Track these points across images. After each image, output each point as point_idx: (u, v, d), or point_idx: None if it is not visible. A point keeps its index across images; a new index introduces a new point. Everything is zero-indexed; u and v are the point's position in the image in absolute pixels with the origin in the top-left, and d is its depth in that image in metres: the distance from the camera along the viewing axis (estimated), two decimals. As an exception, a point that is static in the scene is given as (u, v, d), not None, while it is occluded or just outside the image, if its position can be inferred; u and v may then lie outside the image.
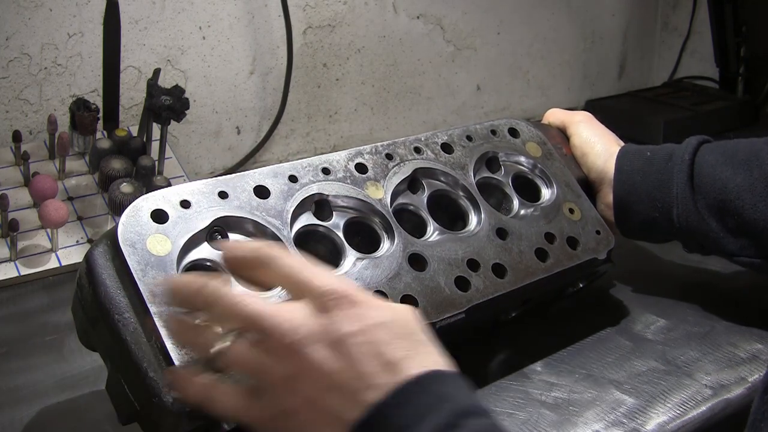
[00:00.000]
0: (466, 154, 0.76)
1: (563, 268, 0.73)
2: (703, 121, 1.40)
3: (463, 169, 0.74)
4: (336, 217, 0.66)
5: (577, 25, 1.55)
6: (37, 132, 1.01)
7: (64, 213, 0.86)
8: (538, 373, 0.71)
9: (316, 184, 0.66)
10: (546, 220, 0.75)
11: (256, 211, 0.62)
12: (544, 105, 1.54)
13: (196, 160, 1.15)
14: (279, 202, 0.64)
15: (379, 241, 0.67)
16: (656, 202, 0.77)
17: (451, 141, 0.76)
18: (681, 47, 1.65)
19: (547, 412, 0.65)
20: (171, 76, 1.09)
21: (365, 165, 0.70)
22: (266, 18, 1.16)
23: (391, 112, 1.33)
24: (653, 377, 0.70)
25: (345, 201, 0.67)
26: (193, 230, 0.59)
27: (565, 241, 0.75)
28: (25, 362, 0.72)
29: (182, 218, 0.59)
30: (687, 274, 0.89)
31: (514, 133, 0.81)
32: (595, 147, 0.82)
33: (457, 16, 1.36)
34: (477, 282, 0.67)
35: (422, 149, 0.74)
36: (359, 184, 0.68)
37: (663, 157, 0.78)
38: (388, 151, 0.72)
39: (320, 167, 0.67)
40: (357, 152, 0.70)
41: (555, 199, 0.77)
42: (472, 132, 0.78)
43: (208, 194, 0.61)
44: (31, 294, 0.84)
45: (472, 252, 0.69)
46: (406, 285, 0.64)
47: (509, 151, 0.79)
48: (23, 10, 0.97)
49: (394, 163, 0.71)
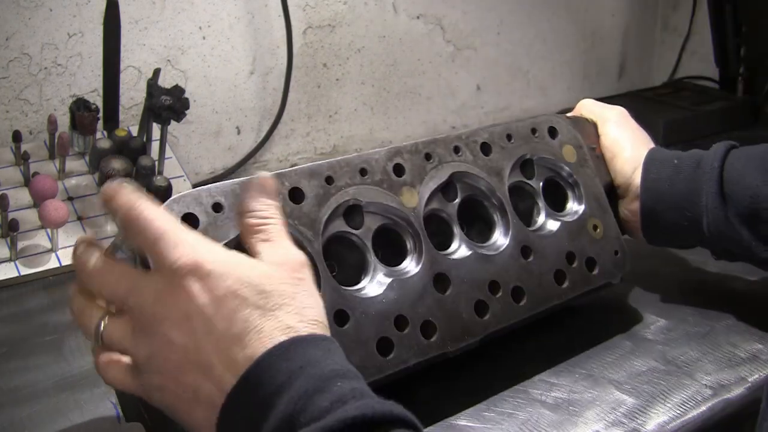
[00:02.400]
0: (504, 156, 0.73)
1: (578, 293, 0.73)
2: (703, 121, 1.40)
3: (499, 174, 0.72)
4: (367, 223, 0.64)
5: (577, 25, 1.55)
6: (37, 132, 1.01)
7: (64, 213, 0.86)
8: (538, 373, 0.71)
9: (352, 188, 0.63)
10: (570, 237, 0.74)
11: (290, 218, 0.59)
12: (544, 105, 1.54)
13: (196, 160, 1.15)
14: (313, 207, 0.61)
15: (405, 252, 0.66)
16: (685, 211, 0.75)
17: (491, 140, 0.73)
18: (681, 47, 1.65)
19: (547, 412, 0.65)
20: (171, 76, 1.09)
21: (403, 166, 0.67)
22: (266, 18, 1.16)
23: (391, 112, 1.33)
24: (653, 377, 0.70)
25: (378, 208, 0.65)
26: (223, 238, 0.56)
27: (584, 262, 0.74)
28: (25, 362, 0.72)
29: (213, 224, 0.56)
30: (687, 274, 0.89)
31: (553, 132, 0.78)
32: (624, 151, 0.80)
33: (457, 16, 1.36)
34: (494, 307, 0.67)
35: (461, 149, 0.71)
36: (395, 188, 0.66)
37: (691, 165, 0.76)
38: (427, 151, 0.69)
39: (358, 167, 0.64)
40: (396, 151, 0.67)
41: (581, 214, 0.75)
42: (512, 131, 0.75)
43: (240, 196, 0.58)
44: (31, 294, 0.84)
45: (495, 272, 0.68)
46: (428, 309, 0.63)
47: (546, 154, 0.76)
48: (23, 10, 0.97)
49: (432, 165, 0.68)
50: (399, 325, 0.62)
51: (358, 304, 0.60)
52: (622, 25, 1.64)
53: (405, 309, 0.62)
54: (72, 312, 0.52)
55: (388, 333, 0.61)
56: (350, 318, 0.59)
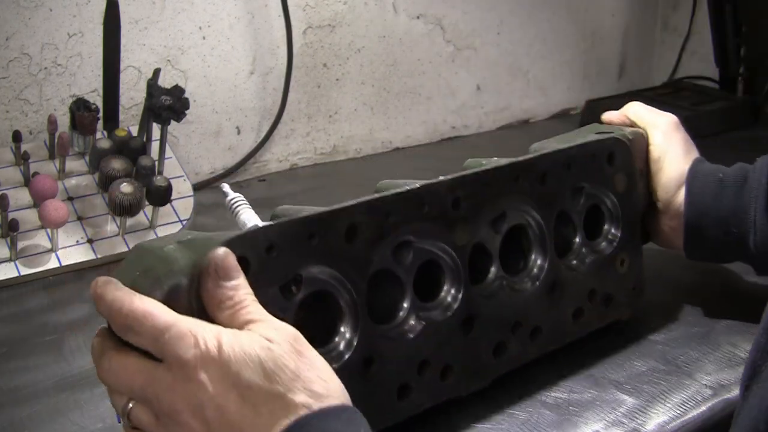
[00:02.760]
0: (559, 186, 0.70)
1: (590, 330, 0.73)
2: (703, 121, 1.40)
3: (550, 206, 0.69)
4: (414, 258, 0.61)
5: (577, 25, 1.55)
6: (37, 132, 1.01)
7: (64, 213, 0.86)
8: (539, 373, 0.71)
9: (408, 225, 0.59)
10: (596, 273, 0.72)
11: (341, 260, 0.56)
12: (544, 105, 1.54)
13: (196, 160, 1.15)
14: (365, 247, 0.57)
15: (442, 287, 0.63)
16: (730, 228, 0.74)
17: (550, 169, 0.69)
18: (681, 47, 1.65)
19: (547, 412, 0.65)
20: (171, 76, 1.09)
21: (461, 201, 0.63)
22: (266, 18, 1.16)
23: (391, 112, 1.33)
24: (653, 377, 0.70)
25: (428, 245, 0.62)
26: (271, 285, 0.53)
27: (602, 299, 0.73)
28: (25, 362, 0.72)
29: (263, 267, 0.52)
30: (686, 274, 0.89)
31: (611, 159, 0.74)
32: (670, 166, 0.77)
33: (457, 16, 1.36)
34: (512, 348, 0.66)
35: (520, 179, 0.67)
36: (451, 224, 0.62)
37: (737, 180, 0.74)
38: (488, 180, 0.65)
39: (417, 201, 0.60)
40: (460, 182, 0.63)
41: (614, 249, 0.74)
42: (573, 159, 0.71)
43: (296, 236, 0.54)
44: (31, 294, 0.84)
45: (520, 312, 0.67)
46: (451, 353, 0.62)
47: (597, 183, 0.73)
48: (23, 10, 0.97)
49: (490, 197, 0.65)
50: (421, 370, 0.61)
51: (386, 349, 0.58)
52: (622, 25, 1.64)
53: (430, 354, 0.61)
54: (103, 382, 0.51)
55: (410, 378, 0.60)
56: (376, 362, 0.58)
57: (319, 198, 1.11)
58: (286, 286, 0.54)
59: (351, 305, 0.57)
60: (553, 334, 0.70)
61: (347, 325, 0.57)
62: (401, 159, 1.32)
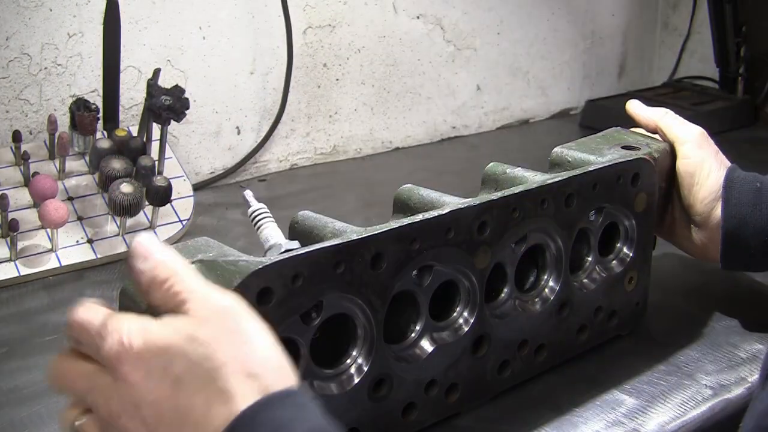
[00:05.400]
0: (583, 207, 0.69)
1: (591, 345, 0.73)
2: (703, 121, 1.38)
3: (571, 228, 0.68)
4: (433, 279, 0.60)
5: (577, 25, 1.55)
6: (37, 132, 1.01)
7: (64, 213, 0.86)
8: (539, 372, 0.71)
9: (433, 251, 0.58)
10: (605, 291, 0.72)
11: (364, 288, 0.55)
12: (544, 105, 1.54)
13: (196, 160, 1.15)
14: (389, 275, 0.56)
15: (455, 307, 0.63)
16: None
17: (577, 190, 0.67)
18: (681, 47, 1.65)
19: (547, 412, 0.65)
20: (171, 76, 1.09)
21: (487, 226, 0.61)
22: (266, 18, 1.16)
23: (391, 112, 1.33)
24: (653, 377, 0.70)
25: (449, 268, 0.61)
26: (293, 313, 0.52)
27: (607, 315, 0.73)
28: (25, 362, 0.72)
29: (287, 296, 0.51)
30: (686, 274, 0.89)
31: (635, 180, 0.72)
32: (706, 179, 0.76)
33: (457, 16, 1.36)
34: (516, 365, 0.66)
35: (547, 202, 0.65)
36: (473, 248, 0.61)
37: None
38: (516, 205, 0.63)
39: (445, 228, 0.59)
40: (487, 206, 0.61)
41: (625, 268, 0.73)
42: (600, 179, 0.69)
43: (322, 266, 0.52)
44: (31, 294, 0.84)
45: (529, 331, 0.67)
46: (458, 373, 0.62)
47: (619, 204, 0.72)
48: (23, 10, 0.97)
49: (515, 221, 0.63)
50: (427, 389, 0.60)
51: (397, 370, 0.58)
52: (622, 25, 1.64)
53: (438, 374, 0.61)
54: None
55: (416, 398, 0.60)
56: (385, 384, 0.58)
57: (320, 198, 1.12)
58: (307, 314, 0.53)
59: (368, 331, 0.56)
60: (557, 351, 0.70)
61: (360, 350, 0.56)
62: (401, 159, 1.32)
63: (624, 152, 0.74)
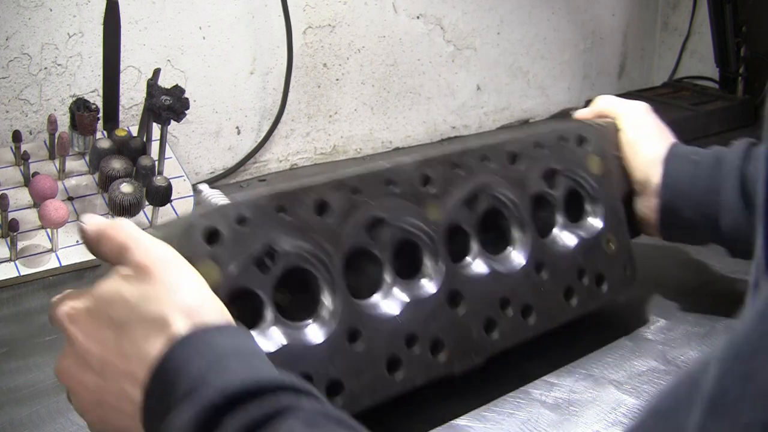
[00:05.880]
0: (530, 166, 0.72)
1: (585, 311, 0.73)
2: (703, 121, 1.40)
3: (523, 185, 0.71)
4: (388, 236, 0.63)
5: (577, 25, 1.55)
6: (37, 132, 1.01)
7: (64, 213, 0.86)
8: (538, 373, 0.71)
9: (377, 200, 0.62)
10: (583, 252, 0.73)
11: (313, 232, 0.58)
12: (544, 105, 1.54)
13: (196, 160, 1.15)
14: (336, 221, 0.59)
15: (422, 266, 0.64)
16: (704, 209, 0.75)
17: (519, 149, 0.71)
18: (681, 47, 1.65)
19: (547, 412, 0.65)
20: (171, 76, 1.09)
21: (430, 177, 0.65)
22: (266, 18, 1.16)
23: (391, 112, 1.33)
24: (653, 377, 0.70)
25: (401, 221, 0.63)
26: (244, 253, 0.55)
27: (593, 278, 0.73)
28: (25, 362, 0.72)
29: (234, 239, 0.54)
30: (687, 274, 0.89)
31: (582, 141, 0.76)
32: (645, 149, 0.79)
33: (457, 16, 1.36)
34: (503, 325, 0.67)
35: (490, 159, 0.69)
36: (421, 200, 0.64)
37: (711, 162, 0.76)
38: (455, 160, 0.67)
39: (385, 178, 0.63)
40: (425, 161, 0.65)
41: (598, 231, 0.75)
42: (541, 139, 0.73)
43: (266, 209, 0.56)
44: (31, 294, 0.84)
45: (508, 289, 0.67)
46: (439, 327, 0.62)
47: (571, 165, 0.75)
48: (23, 10, 0.97)
49: (460, 174, 0.67)
50: (409, 343, 0.61)
51: (371, 322, 0.59)
52: (622, 25, 1.64)
53: (417, 327, 0.61)
54: None
55: (399, 351, 0.60)
56: (362, 336, 0.59)
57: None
58: (260, 260, 0.55)
59: (329, 278, 0.58)
60: (547, 314, 0.70)
61: (328, 297, 0.58)
62: (401, 159, 1.32)
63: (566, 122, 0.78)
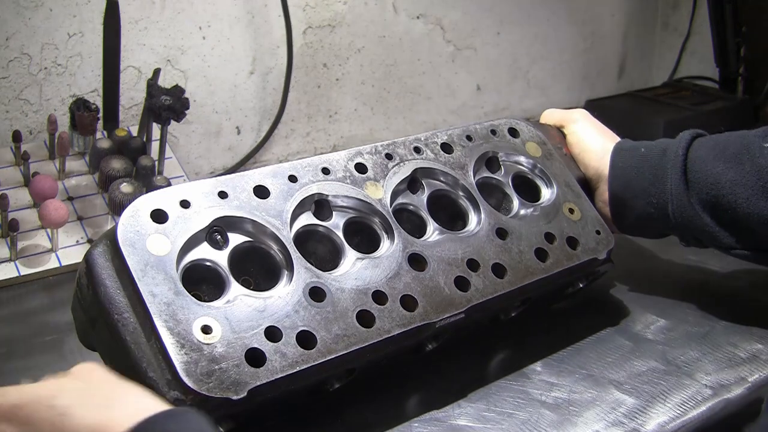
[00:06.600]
0: (466, 153, 0.76)
1: (563, 268, 0.73)
2: (703, 121, 1.40)
3: (463, 169, 0.75)
4: (336, 217, 0.67)
5: (577, 25, 1.55)
6: (37, 132, 1.01)
7: (64, 213, 0.86)
8: (538, 373, 0.71)
9: (315, 184, 0.67)
10: (546, 220, 0.76)
11: (256, 211, 0.63)
12: (544, 105, 1.54)
13: (196, 160, 1.15)
14: (279, 202, 0.64)
15: (378, 241, 0.67)
16: (651, 198, 0.77)
17: (450, 141, 0.76)
18: (681, 47, 1.65)
19: (547, 412, 0.65)
20: (171, 76, 1.09)
21: (365, 165, 0.70)
22: (266, 18, 1.16)
23: (391, 112, 1.33)
24: (653, 377, 0.70)
25: (345, 201, 0.67)
26: (192, 230, 0.60)
27: (564, 241, 0.75)
28: (25, 362, 0.72)
29: (182, 218, 0.60)
30: (686, 274, 0.89)
31: (514, 133, 0.81)
32: (591, 144, 0.83)
33: (457, 16, 1.36)
34: (477, 282, 0.68)
35: (422, 149, 0.74)
36: (359, 183, 0.69)
37: (657, 153, 0.78)
38: (387, 151, 0.72)
39: (320, 167, 0.68)
40: (356, 152, 0.71)
41: (555, 199, 0.77)
42: (471, 132, 0.78)
43: (208, 194, 0.62)
44: (31, 294, 0.84)
45: (472, 252, 0.69)
46: (405, 285, 0.64)
47: (509, 151, 0.79)
48: (23, 10, 0.97)
49: (394, 162, 0.72)
50: (378, 300, 0.63)
51: (333, 281, 0.62)
52: (622, 25, 1.63)
53: (381, 285, 0.64)
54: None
55: (368, 307, 0.62)
56: (326, 294, 0.61)
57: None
58: (211, 237, 0.61)
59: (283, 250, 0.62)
60: (521, 271, 0.71)
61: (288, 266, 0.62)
62: (401, 159, 1.32)
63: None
